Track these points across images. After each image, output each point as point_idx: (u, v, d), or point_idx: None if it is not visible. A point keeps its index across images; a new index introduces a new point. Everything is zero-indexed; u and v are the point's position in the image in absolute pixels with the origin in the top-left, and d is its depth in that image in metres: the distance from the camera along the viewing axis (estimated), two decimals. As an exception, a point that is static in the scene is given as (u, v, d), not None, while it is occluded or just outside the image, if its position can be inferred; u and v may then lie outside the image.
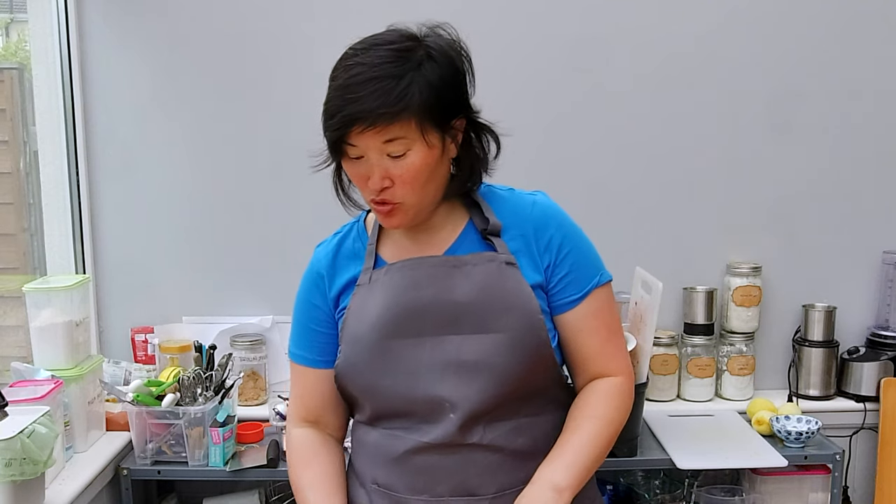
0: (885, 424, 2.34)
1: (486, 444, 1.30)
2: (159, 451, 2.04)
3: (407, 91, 1.20)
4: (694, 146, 2.44)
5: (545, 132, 2.41)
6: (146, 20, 2.36)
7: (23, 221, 2.51)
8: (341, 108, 1.21)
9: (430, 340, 1.29)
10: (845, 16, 2.40)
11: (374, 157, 1.24)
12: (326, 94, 1.25)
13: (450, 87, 1.26)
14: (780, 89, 2.42)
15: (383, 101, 1.19)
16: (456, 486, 1.31)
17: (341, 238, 1.42)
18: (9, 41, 2.80)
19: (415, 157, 1.23)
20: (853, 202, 2.47)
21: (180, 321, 2.41)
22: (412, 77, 1.21)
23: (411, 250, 1.36)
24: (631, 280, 2.16)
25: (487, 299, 1.30)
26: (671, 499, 2.26)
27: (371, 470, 1.37)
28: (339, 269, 1.39)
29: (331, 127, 1.23)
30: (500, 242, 1.33)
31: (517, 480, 1.32)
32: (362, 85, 1.20)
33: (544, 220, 1.35)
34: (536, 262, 1.34)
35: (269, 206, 2.40)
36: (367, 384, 1.32)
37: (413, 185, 1.25)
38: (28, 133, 2.45)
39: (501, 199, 1.38)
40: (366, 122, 1.19)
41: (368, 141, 1.22)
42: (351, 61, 1.23)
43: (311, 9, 2.34)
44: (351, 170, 1.28)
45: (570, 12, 2.38)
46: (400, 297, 1.31)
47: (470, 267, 1.31)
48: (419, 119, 1.21)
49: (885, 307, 2.44)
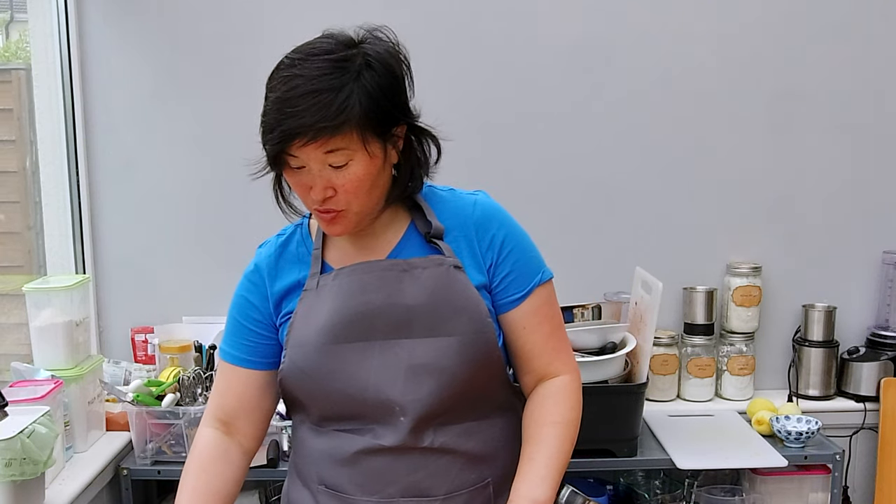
0: (885, 424, 2.34)
1: (437, 447, 1.30)
2: (159, 451, 2.04)
3: (346, 103, 1.18)
4: (694, 146, 2.44)
5: (545, 132, 2.41)
6: (146, 20, 2.36)
7: (28, 220, 2.51)
8: (280, 121, 1.19)
9: (380, 344, 1.29)
10: (846, 16, 2.40)
11: (315, 168, 1.22)
12: (264, 105, 1.24)
13: (389, 95, 1.23)
14: (780, 89, 2.42)
15: (323, 114, 1.17)
16: (407, 487, 1.31)
17: (285, 241, 1.41)
18: (9, 41, 2.80)
19: (357, 168, 1.22)
20: (853, 202, 2.47)
21: (180, 321, 2.41)
22: (351, 88, 1.19)
23: (355, 255, 1.35)
24: (631, 280, 2.16)
25: (437, 303, 1.29)
26: (671, 499, 2.26)
27: (317, 471, 1.36)
28: (282, 272, 1.38)
29: (270, 140, 1.22)
30: (444, 246, 1.33)
31: (468, 482, 1.33)
32: (301, 98, 1.18)
33: (486, 220, 1.35)
34: (479, 262, 1.34)
35: (270, 205, 2.38)
36: (315, 388, 1.31)
37: (357, 193, 1.24)
38: (35, 132, 2.45)
39: (442, 199, 1.38)
40: (306, 136, 1.18)
41: (310, 153, 1.21)
42: (288, 72, 1.22)
43: (312, 8, 2.34)
44: (292, 179, 1.27)
45: (571, 13, 2.38)
46: (349, 301, 1.30)
47: (419, 270, 1.31)
48: (360, 130, 1.20)
49: (885, 307, 2.44)
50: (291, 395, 1.36)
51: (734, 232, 2.47)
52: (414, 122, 1.31)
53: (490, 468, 1.35)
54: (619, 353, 1.99)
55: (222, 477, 1.37)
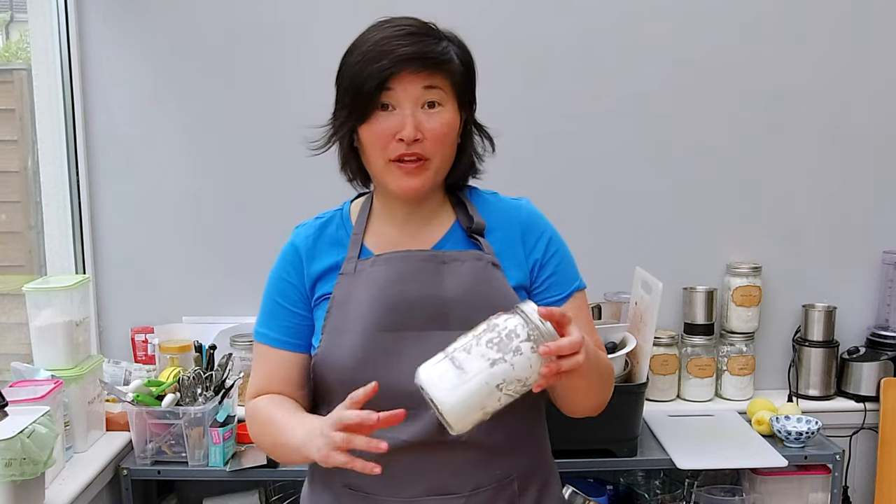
0: (885, 424, 2.34)
1: (464, 440, 1.29)
2: (159, 451, 2.04)
3: (447, 49, 1.28)
4: (694, 146, 2.44)
5: (545, 132, 2.41)
6: (146, 20, 2.36)
7: (30, 219, 2.51)
8: (390, 52, 1.24)
9: (414, 335, 1.29)
10: (846, 16, 2.40)
11: (408, 108, 1.26)
12: (353, 54, 1.28)
13: (470, 69, 1.33)
14: (780, 89, 2.42)
15: (432, 49, 1.25)
16: (432, 485, 1.31)
17: (324, 223, 1.41)
18: (9, 41, 2.80)
19: (446, 114, 1.28)
20: (853, 202, 2.47)
21: (180, 321, 2.41)
22: (447, 44, 1.29)
23: (398, 243, 1.36)
24: (631, 280, 2.16)
25: (474, 297, 1.30)
26: (671, 499, 2.26)
27: (341, 471, 1.33)
28: (320, 254, 1.37)
29: (378, 70, 1.24)
30: (485, 243, 1.35)
31: (493, 478, 1.33)
32: (407, 37, 1.25)
33: (532, 223, 1.39)
34: (521, 262, 1.35)
35: (270, 205, 2.40)
36: (346, 376, 1.30)
37: (443, 142, 1.28)
38: (36, 133, 2.45)
39: (487, 201, 1.41)
40: (419, 62, 1.24)
41: (408, 87, 1.25)
42: (384, 25, 1.28)
43: (312, 8, 2.34)
44: (378, 125, 1.27)
45: (571, 12, 2.38)
46: (386, 289, 1.31)
47: (458, 264, 1.32)
48: (454, 80, 1.28)
49: (885, 307, 2.44)
50: (322, 381, 1.35)
51: (734, 232, 2.47)
52: (474, 110, 1.37)
53: (513, 464, 1.35)
54: (619, 353, 1.99)
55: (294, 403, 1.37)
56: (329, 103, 1.33)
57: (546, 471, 1.43)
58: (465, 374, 1.09)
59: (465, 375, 1.09)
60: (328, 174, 1.41)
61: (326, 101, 1.34)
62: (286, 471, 2.05)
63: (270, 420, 1.34)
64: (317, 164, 1.42)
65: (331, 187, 1.42)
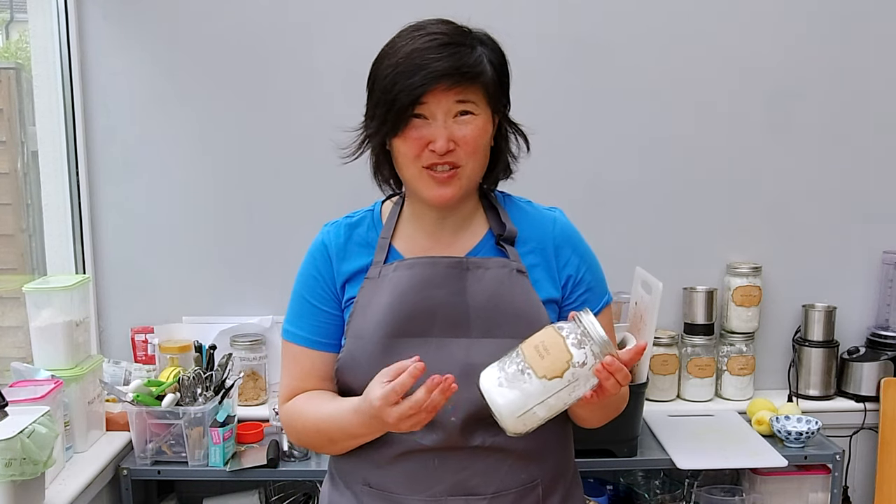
0: (885, 424, 2.34)
1: (488, 446, 1.30)
2: (159, 451, 2.04)
3: (480, 59, 1.26)
4: (694, 146, 2.44)
5: (545, 132, 2.39)
6: (146, 20, 2.36)
7: (21, 222, 2.50)
8: (423, 66, 1.22)
9: (437, 342, 1.29)
10: (845, 15, 2.40)
11: (441, 119, 1.25)
12: (383, 64, 1.26)
13: (503, 72, 1.32)
14: (780, 89, 2.42)
15: (465, 61, 1.24)
16: (455, 486, 1.30)
17: (354, 223, 1.40)
18: (9, 41, 2.80)
19: (479, 122, 1.27)
20: (853, 202, 2.47)
21: (180, 321, 2.41)
22: (481, 51, 1.27)
23: (429, 248, 1.35)
24: (631, 280, 2.16)
25: (497, 305, 1.30)
26: (671, 499, 2.26)
27: (362, 471, 1.35)
28: (350, 255, 1.37)
29: (410, 86, 1.23)
30: (512, 251, 1.34)
31: (517, 481, 1.32)
32: (441, 48, 1.23)
33: (566, 238, 1.38)
34: (555, 276, 1.35)
35: (270, 205, 2.40)
36: (369, 381, 1.30)
37: (476, 150, 1.28)
38: (26, 133, 2.44)
39: (521, 210, 1.41)
40: (452, 78, 1.23)
41: (442, 100, 1.24)
42: (417, 32, 1.27)
43: (313, 8, 2.34)
44: (410, 135, 1.26)
45: (571, 12, 2.38)
46: (409, 295, 1.30)
47: (483, 271, 1.32)
48: (486, 90, 1.27)
49: (885, 307, 2.44)
50: (346, 385, 1.35)
51: (734, 232, 2.47)
52: (509, 110, 1.36)
53: (539, 468, 1.35)
54: (619, 354, 1.99)
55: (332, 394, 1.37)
56: (329, 103, 1.34)
57: (570, 477, 1.42)
58: (524, 382, 1.13)
59: (525, 384, 1.13)
60: (328, 175, 1.41)
61: (326, 100, 1.35)
62: (286, 471, 2.05)
63: (317, 415, 1.33)
64: (317, 165, 1.43)
65: (331, 188, 1.42)
